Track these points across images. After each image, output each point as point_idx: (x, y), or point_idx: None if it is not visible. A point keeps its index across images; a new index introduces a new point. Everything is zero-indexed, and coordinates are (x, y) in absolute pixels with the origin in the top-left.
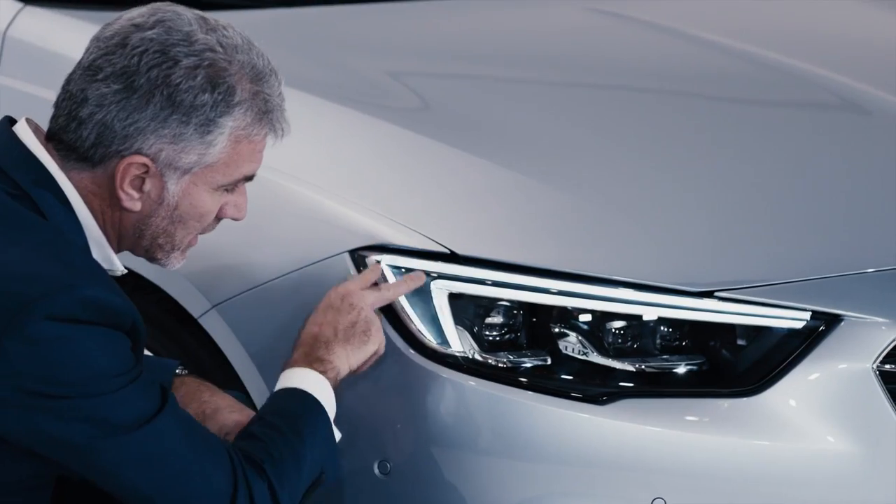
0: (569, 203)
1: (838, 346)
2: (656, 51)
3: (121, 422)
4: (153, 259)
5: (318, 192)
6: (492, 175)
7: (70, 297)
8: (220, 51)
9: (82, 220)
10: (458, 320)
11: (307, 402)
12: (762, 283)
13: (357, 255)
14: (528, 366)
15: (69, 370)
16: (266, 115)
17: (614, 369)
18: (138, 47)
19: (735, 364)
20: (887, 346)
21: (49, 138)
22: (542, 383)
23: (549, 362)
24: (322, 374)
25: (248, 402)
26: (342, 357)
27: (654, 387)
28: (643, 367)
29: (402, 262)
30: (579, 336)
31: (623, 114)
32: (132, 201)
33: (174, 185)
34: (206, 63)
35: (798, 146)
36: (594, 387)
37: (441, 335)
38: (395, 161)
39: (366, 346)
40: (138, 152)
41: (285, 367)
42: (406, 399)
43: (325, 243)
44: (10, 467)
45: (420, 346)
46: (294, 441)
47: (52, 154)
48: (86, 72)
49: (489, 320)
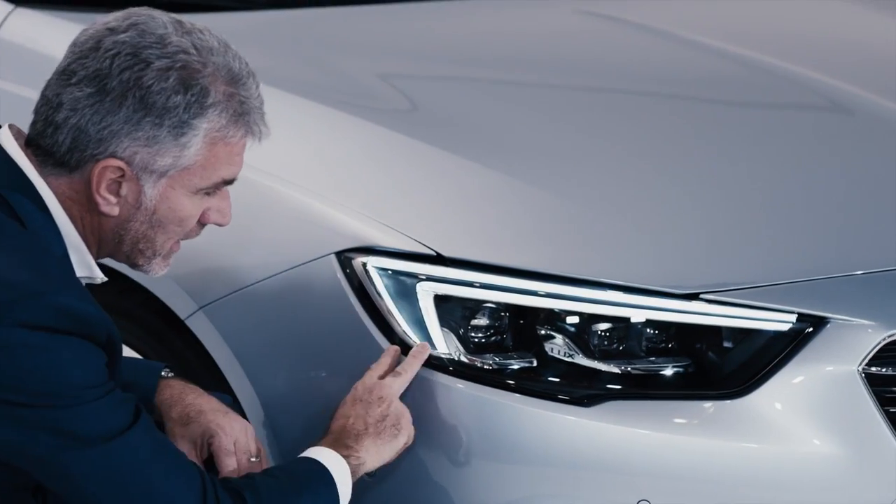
0: (556, 205)
1: (824, 349)
2: (648, 54)
3: (86, 435)
4: (135, 265)
5: (306, 193)
6: (479, 177)
7: (42, 304)
8: (194, 53)
9: (61, 226)
10: (444, 322)
11: (318, 470)
12: (748, 285)
13: (344, 257)
14: (514, 368)
15: (37, 379)
16: (242, 116)
17: (600, 371)
18: (111, 50)
19: (721, 366)
20: (873, 349)
21: (28, 144)
22: (528, 385)
23: (536, 364)
24: (345, 457)
25: (235, 404)
26: (371, 450)
27: (640, 389)
28: (629, 369)
29: (388, 263)
30: (565, 338)
31: (612, 116)
32: (109, 206)
33: (151, 189)
34: (179, 65)
35: (786, 149)
36: (580, 389)
37: (427, 337)
38: (383, 163)
39: (396, 440)
40: (113, 155)
41: (309, 447)
42: None
43: (312, 245)
44: None
45: (406, 349)
46: (290, 494)
47: (32, 160)
48: (60, 76)
49: (475, 322)
